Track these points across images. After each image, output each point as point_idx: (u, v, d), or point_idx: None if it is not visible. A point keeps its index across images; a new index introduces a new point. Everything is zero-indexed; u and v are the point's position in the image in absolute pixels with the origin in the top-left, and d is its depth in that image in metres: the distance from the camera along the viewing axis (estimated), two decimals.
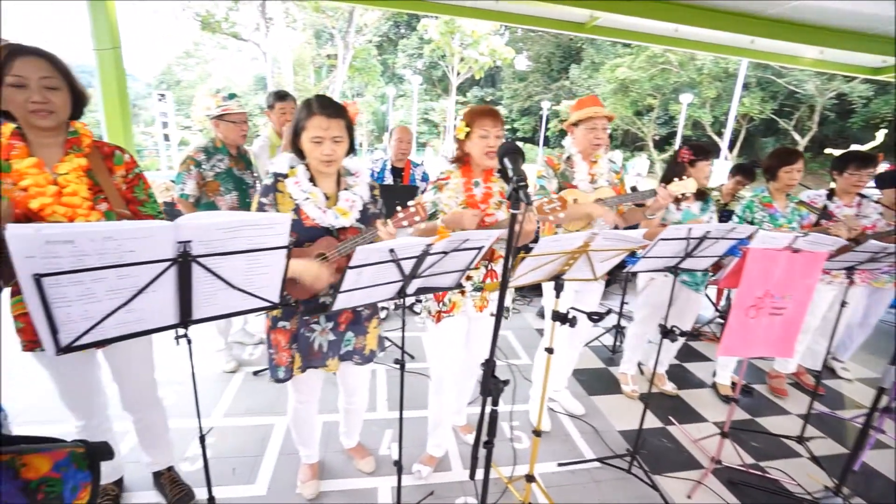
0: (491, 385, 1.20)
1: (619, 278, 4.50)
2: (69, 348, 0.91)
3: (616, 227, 2.15)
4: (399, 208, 1.43)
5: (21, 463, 0.97)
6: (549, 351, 1.65)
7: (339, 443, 2.18)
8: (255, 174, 2.66)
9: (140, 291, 0.91)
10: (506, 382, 1.22)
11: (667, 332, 1.88)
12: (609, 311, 1.62)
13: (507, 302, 1.92)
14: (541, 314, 4.08)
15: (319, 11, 20.04)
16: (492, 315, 1.86)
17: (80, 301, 0.86)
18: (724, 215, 3.61)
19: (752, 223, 2.57)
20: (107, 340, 0.96)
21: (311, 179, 1.48)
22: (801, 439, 2.42)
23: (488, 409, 1.25)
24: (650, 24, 5.03)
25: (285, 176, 1.45)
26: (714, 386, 2.96)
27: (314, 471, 1.98)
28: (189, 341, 1.07)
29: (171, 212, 3.56)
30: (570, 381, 2.82)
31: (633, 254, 1.74)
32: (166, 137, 11.96)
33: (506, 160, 1.14)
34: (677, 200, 2.51)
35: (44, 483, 0.97)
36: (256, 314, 1.48)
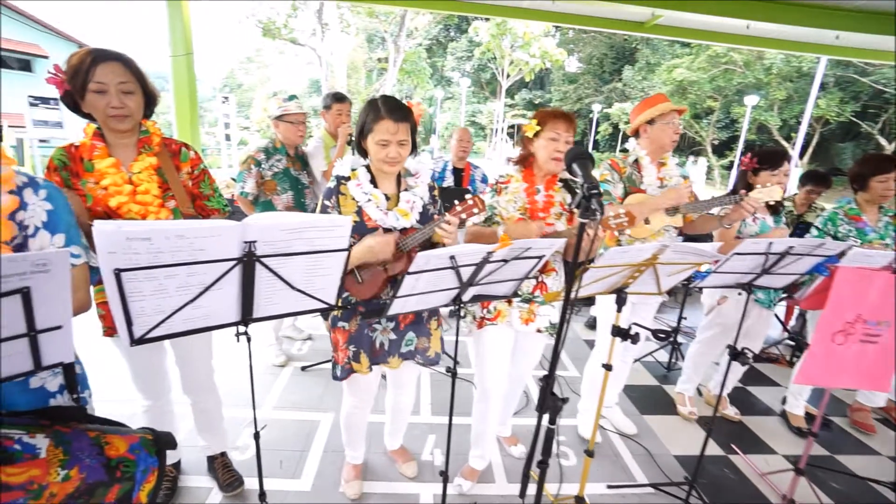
0: (549, 402, 1.13)
1: (676, 291, 4.25)
2: (142, 340, 0.94)
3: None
4: (457, 201, 1.39)
5: (105, 441, 1.02)
6: (608, 368, 1.55)
7: (382, 444, 2.18)
8: (311, 175, 2.73)
9: (207, 288, 0.93)
10: (564, 400, 1.15)
11: (737, 355, 1.72)
12: (676, 330, 1.50)
13: (556, 318, 1.85)
14: (589, 325, 3.93)
15: (373, 16, 20.55)
16: (539, 331, 1.80)
17: (153, 296, 0.88)
18: (800, 228, 3.31)
19: (835, 237, 2.33)
20: (174, 334, 0.99)
21: (372, 181, 1.48)
22: None
23: (544, 426, 1.18)
24: (718, 22, 4.72)
25: (347, 178, 1.47)
26: (784, 414, 2.70)
27: (358, 471, 1.99)
28: (249, 339, 1.09)
29: (231, 209, 3.75)
30: (620, 398, 2.68)
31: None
32: (228, 138, 12.66)
33: (575, 165, 1.08)
34: (771, 209, 2.32)
35: (122, 462, 1.02)
36: (312, 315, 1.50)
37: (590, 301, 2.36)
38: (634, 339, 1.45)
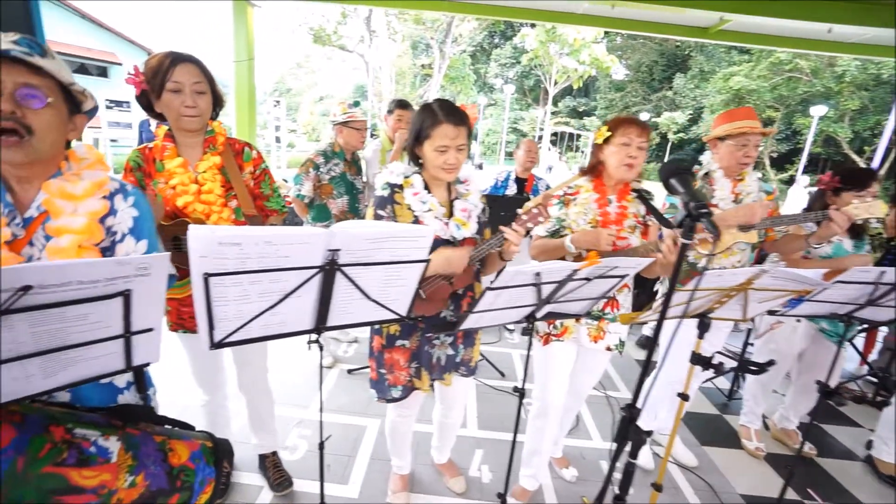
0: (632, 434, 1.04)
1: None
2: (220, 344, 0.94)
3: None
4: (519, 209, 1.33)
5: (169, 447, 1.02)
6: (684, 398, 1.43)
7: (429, 456, 2.13)
8: (365, 180, 2.75)
9: (287, 295, 0.92)
10: (648, 433, 1.05)
11: (829, 394, 1.55)
12: (772, 362, 1.36)
13: (624, 335, 1.74)
14: (640, 344, 3.74)
15: (419, 23, 20.87)
16: (608, 349, 1.70)
17: (236, 301, 0.87)
18: (892, 254, 2.99)
19: None
20: (250, 340, 0.98)
21: (426, 188, 1.44)
22: None
23: (623, 459, 1.09)
24: (794, 26, 4.41)
25: (401, 187, 1.42)
26: (870, 460, 2.43)
27: (405, 482, 1.94)
28: (321, 347, 1.07)
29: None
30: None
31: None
32: (277, 140, 13.18)
33: (674, 181, 0.99)
34: (853, 231, 2.11)
35: (182, 471, 1.02)
36: (379, 326, 1.48)
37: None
38: (718, 369, 1.33)
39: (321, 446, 1.19)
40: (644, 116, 26.85)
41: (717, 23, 4.70)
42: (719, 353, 2.02)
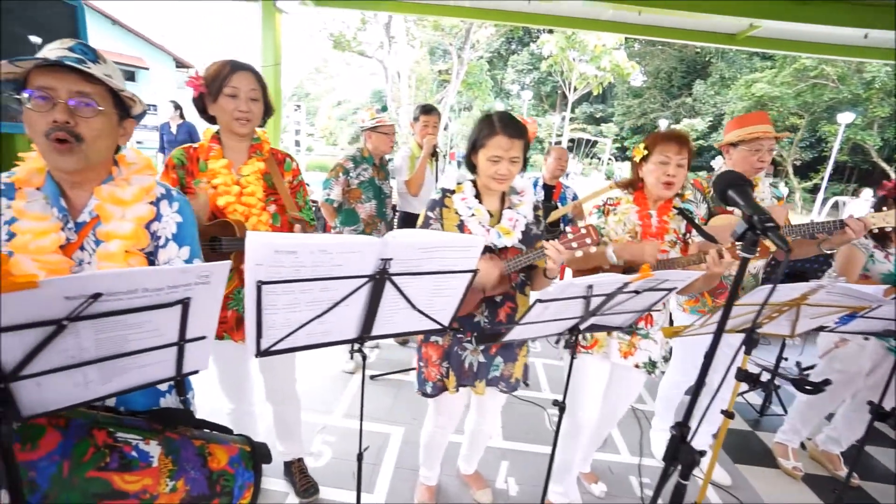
0: (683, 454, 1.00)
1: None
2: (266, 352, 0.93)
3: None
4: (569, 228, 1.30)
5: (208, 451, 1.01)
6: (729, 415, 1.37)
7: (455, 466, 2.10)
8: (392, 185, 2.75)
9: (336, 304, 0.90)
10: (702, 454, 1.01)
11: (884, 416, 1.48)
12: (827, 381, 1.31)
13: (656, 356, 1.69)
14: (666, 357, 3.65)
15: (438, 29, 20.98)
16: (636, 366, 1.66)
17: (285, 309, 0.87)
18: None
19: None
20: (296, 348, 0.97)
21: (477, 196, 1.44)
22: None
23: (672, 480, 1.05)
24: (827, 32, 4.30)
25: (452, 192, 1.44)
26: None
27: (431, 493, 1.92)
28: (364, 357, 1.05)
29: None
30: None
31: None
32: (297, 144, 13.37)
33: (732, 193, 0.95)
34: (878, 240, 2.05)
35: (222, 476, 1.01)
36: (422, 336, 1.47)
37: None
38: (767, 387, 1.27)
39: (360, 457, 1.17)
40: (663, 123, 26.56)
41: (746, 29, 4.61)
42: (781, 372, 1.95)
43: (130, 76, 17.71)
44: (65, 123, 0.86)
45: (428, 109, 2.74)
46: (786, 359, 2.97)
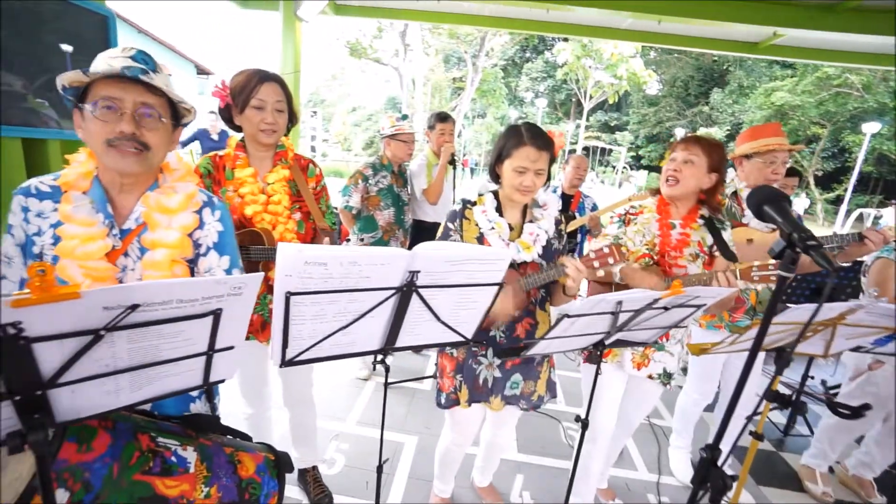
0: (714, 478, 0.96)
1: None
2: (291, 362, 0.93)
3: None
4: (592, 248, 1.29)
5: (238, 459, 1.01)
6: (758, 438, 1.33)
7: (469, 478, 2.07)
8: (410, 192, 2.75)
9: (362, 315, 0.90)
10: (734, 479, 0.97)
11: None
12: (867, 406, 1.25)
13: (673, 367, 1.66)
14: (684, 370, 3.57)
15: (454, 37, 21.14)
16: (650, 377, 1.63)
17: (312, 321, 0.86)
18: None
19: None
20: (320, 359, 0.96)
21: (498, 208, 1.42)
22: None
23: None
24: (854, 41, 4.21)
25: (473, 203, 1.42)
26: None
27: None
28: (387, 368, 1.04)
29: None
30: (732, 460, 2.37)
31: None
32: (313, 149, 13.52)
33: (768, 209, 0.92)
34: None
35: (250, 484, 1.00)
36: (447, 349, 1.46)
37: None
38: (802, 409, 1.23)
39: (379, 469, 1.15)
40: (679, 132, 26.26)
41: (769, 37, 4.54)
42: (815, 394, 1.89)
43: None
44: (132, 135, 0.87)
45: (443, 117, 2.74)
46: (811, 377, 2.88)
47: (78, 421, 0.72)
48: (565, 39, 22.83)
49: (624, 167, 27.77)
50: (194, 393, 1.12)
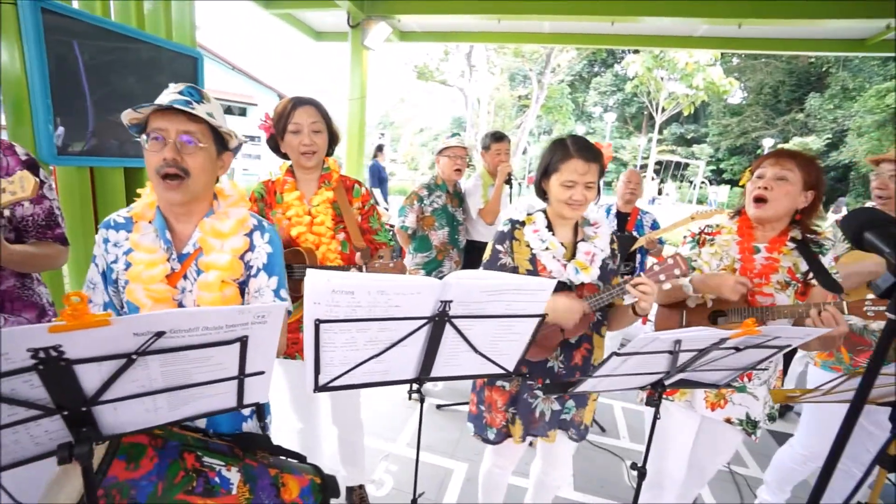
0: None
1: None
2: (324, 388, 0.92)
3: None
4: (655, 260, 1.16)
5: (282, 482, 1.02)
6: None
7: None
8: (466, 212, 2.73)
9: (393, 345, 0.87)
10: None
11: None
12: None
13: (757, 414, 1.44)
14: (771, 416, 3.13)
15: (519, 56, 21.22)
16: (728, 421, 1.43)
17: (343, 348, 0.85)
18: None
19: None
20: (353, 386, 0.95)
21: (549, 227, 1.34)
22: None
23: None
24: None
25: (522, 223, 1.35)
26: None
27: None
28: (422, 399, 1.00)
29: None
30: None
31: None
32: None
33: (870, 237, 0.76)
34: None
35: None
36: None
37: None
38: None
39: (414, 502, 1.10)
40: (768, 143, 23.94)
41: (881, 31, 3.98)
42: None
43: (242, 111, 20.26)
44: (173, 160, 0.95)
45: (499, 137, 2.69)
46: None
47: (123, 435, 0.76)
48: (636, 51, 21.95)
49: (703, 182, 25.78)
50: (246, 412, 1.15)
